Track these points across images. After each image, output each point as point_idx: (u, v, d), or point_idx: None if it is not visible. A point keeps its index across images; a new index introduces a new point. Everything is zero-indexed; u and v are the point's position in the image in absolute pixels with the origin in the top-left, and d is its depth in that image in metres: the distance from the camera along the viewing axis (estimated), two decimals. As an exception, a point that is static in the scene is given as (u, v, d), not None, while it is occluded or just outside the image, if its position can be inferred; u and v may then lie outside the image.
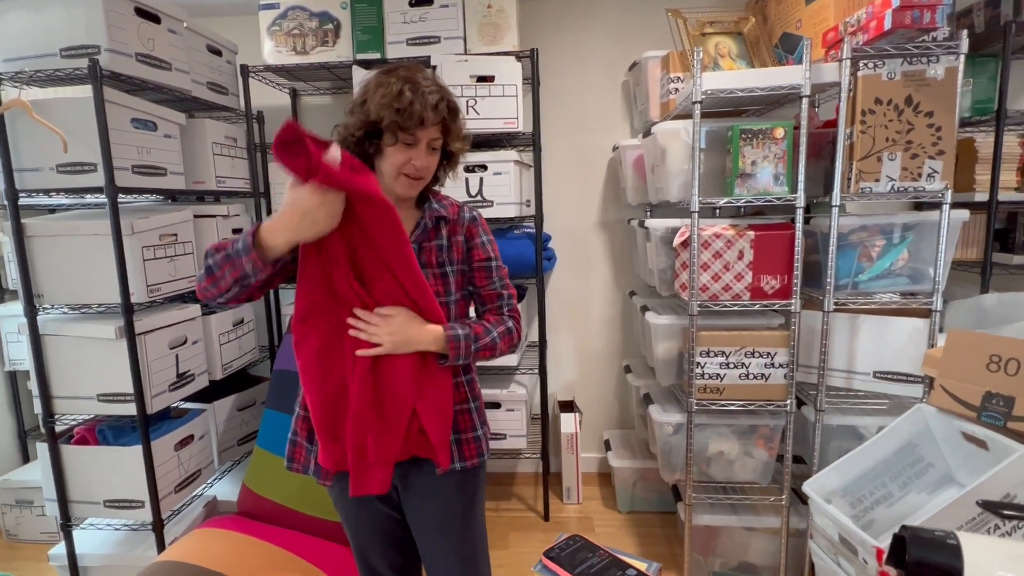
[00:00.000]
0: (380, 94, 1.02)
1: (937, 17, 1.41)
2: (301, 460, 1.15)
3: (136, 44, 1.68)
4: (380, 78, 1.05)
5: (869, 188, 1.61)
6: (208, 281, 1.01)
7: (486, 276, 1.18)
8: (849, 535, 1.44)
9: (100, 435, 1.83)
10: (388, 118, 1.00)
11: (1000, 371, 1.44)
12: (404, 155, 1.04)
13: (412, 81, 1.02)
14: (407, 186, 1.07)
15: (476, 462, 1.18)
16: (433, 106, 1.02)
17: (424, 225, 1.13)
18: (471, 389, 1.20)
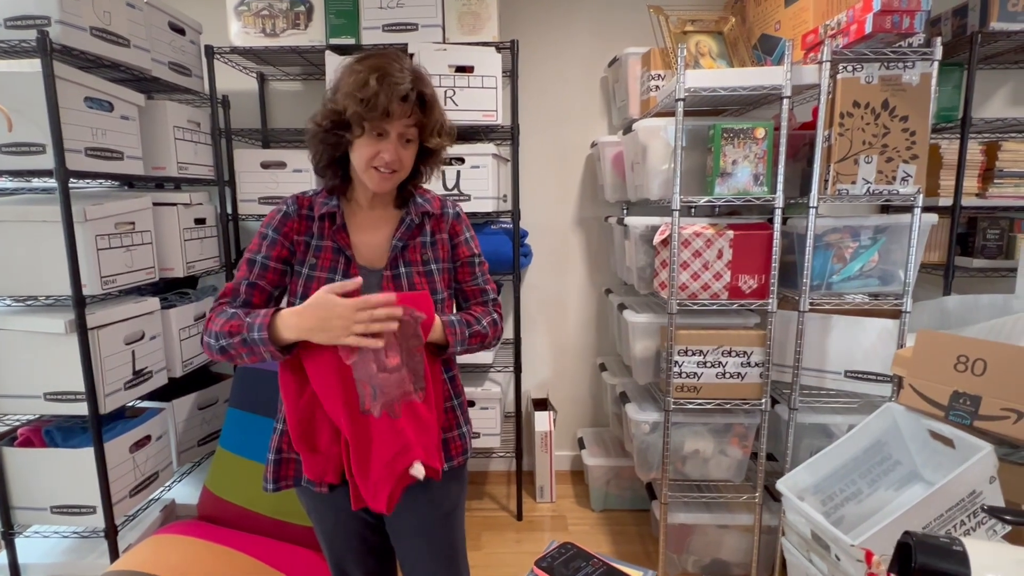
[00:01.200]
0: (347, 83, 0.98)
1: (916, 23, 1.43)
2: (291, 475, 1.09)
3: (91, 17, 1.57)
4: (352, 66, 1.00)
5: (846, 190, 1.63)
6: (223, 357, 0.99)
7: (470, 273, 1.16)
8: (822, 532, 1.46)
9: (47, 436, 1.71)
10: (352, 108, 0.96)
11: (967, 371, 1.48)
12: (373, 147, 1.00)
13: (381, 70, 0.96)
14: (378, 180, 1.02)
15: (461, 460, 1.14)
16: (401, 97, 0.96)
17: (409, 222, 1.09)
18: (454, 386, 1.16)
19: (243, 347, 0.95)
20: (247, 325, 0.95)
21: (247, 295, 1.04)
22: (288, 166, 2.14)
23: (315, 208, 1.07)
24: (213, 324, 1.00)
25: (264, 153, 2.15)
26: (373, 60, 0.98)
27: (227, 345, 0.96)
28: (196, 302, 2.06)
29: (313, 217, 1.07)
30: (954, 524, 1.38)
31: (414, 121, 1.01)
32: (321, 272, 1.05)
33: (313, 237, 1.07)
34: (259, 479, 1.77)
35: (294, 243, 1.06)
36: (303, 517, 1.73)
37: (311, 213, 1.08)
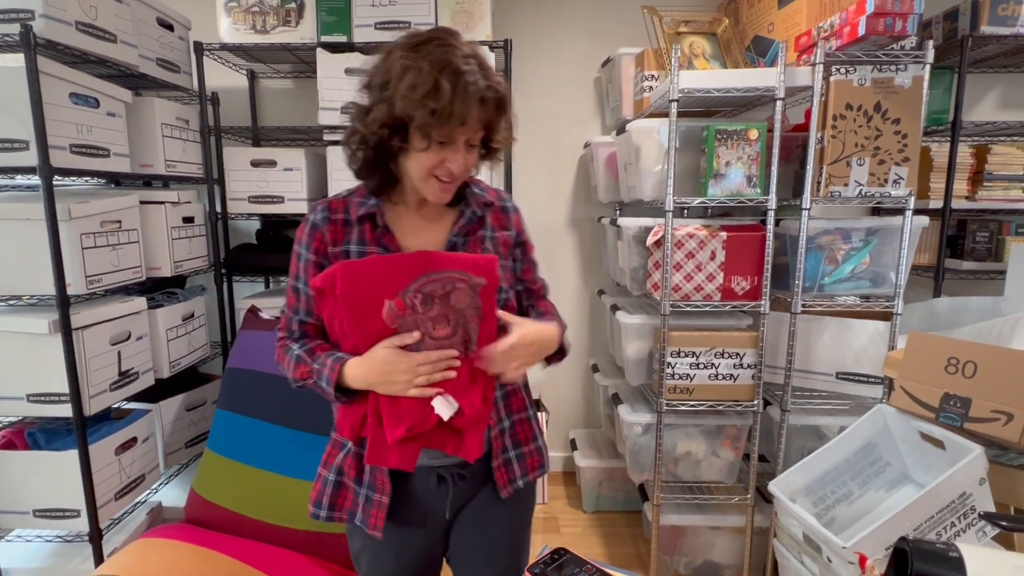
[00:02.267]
0: (408, 84, 0.80)
1: (908, 26, 1.44)
2: (347, 507, 0.99)
3: (76, 11, 1.54)
4: (406, 58, 0.82)
5: (838, 192, 1.64)
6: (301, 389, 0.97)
7: (533, 269, 1.08)
8: (814, 534, 1.46)
9: (30, 438, 1.68)
10: (421, 119, 0.81)
11: (958, 373, 1.48)
12: (436, 156, 0.86)
13: (451, 67, 0.80)
14: (439, 192, 0.90)
15: (538, 474, 1.06)
16: (479, 101, 0.82)
17: (470, 216, 0.98)
18: (527, 393, 1.07)
19: (318, 389, 0.93)
20: (316, 373, 0.92)
21: (301, 330, 0.98)
22: (279, 164, 2.12)
23: (351, 210, 0.95)
24: (284, 364, 0.96)
25: (254, 151, 2.13)
26: (435, 52, 0.81)
27: (303, 386, 0.95)
28: (184, 302, 2.03)
29: (351, 221, 0.95)
30: (944, 526, 1.38)
31: (484, 123, 0.87)
32: None
33: (353, 244, 0.94)
34: (249, 481, 1.75)
35: (329, 257, 0.94)
36: (293, 520, 1.71)
37: (348, 216, 0.95)
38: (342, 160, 2.13)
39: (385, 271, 0.85)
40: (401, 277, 0.85)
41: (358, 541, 1.01)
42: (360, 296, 0.85)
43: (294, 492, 1.73)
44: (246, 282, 2.46)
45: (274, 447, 1.77)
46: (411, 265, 0.85)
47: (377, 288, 0.85)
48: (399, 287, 0.85)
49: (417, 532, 1.00)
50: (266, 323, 1.96)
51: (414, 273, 0.85)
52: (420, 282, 0.85)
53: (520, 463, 1.02)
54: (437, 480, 0.97)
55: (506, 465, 1.01)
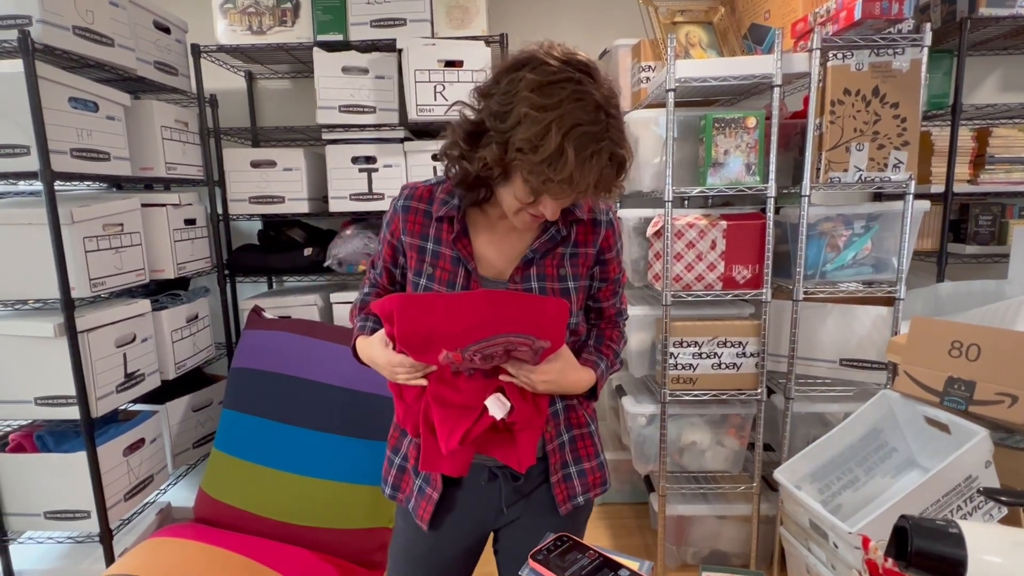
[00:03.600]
0: (528, 139, 0.74)
1: (905, 8, 1.43)
2: (408, 490, 1.01)
3: (73, 16, 1.54)
4: (532, 104, 0.74)
5: (838, 178, 1.63)
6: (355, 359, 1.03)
7: (612, 292, 1.01)
8: (820, 520, 1.46)
9: (39, 441, 1.69)
10: (533, 182, 0.76)
11: (962, 357, 1.48)
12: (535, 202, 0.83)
13: (578, 131, 0.73)
14: (528, 222, 0.87)
15: (599, 491, 1.02)
16: (597, 179, 0.76)
17: (554, 233, 0.92)
18: (590, 409, 1.04)
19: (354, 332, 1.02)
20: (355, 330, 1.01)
21: (367, 301, 1.04)
22: (279, 164, 2.12)
23: (435, 205, 0.92)
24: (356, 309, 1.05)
25: (254, 152, 2.13)
26: (565, 106, 0.73)
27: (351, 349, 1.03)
28: (188, 303, 2.04)
29: (431, 214, 0.93)
30: (951, 509, 1.38)
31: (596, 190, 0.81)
32: (439, 286, 0.91)
33: (430, 240, 0.92)
34: (256, 480, 1.76)
35: (403, 244, 0.95)
36: (301, 517, 1.72)
37: (429, 209, 0.93)
38: (341, 159, 2.14)
39: (445, 315, 0.80)
40: (462, 326, 0.79)
41: (402, 522, 1.04)
42: (416, 335, 0.83)
43: (302, 489, 1.74)
44: (249, 283, 2.47)
45: (281, 445, 1.78)
46: (474, 312, 0.79)
47: (435, 331, 0.81)
48: (458, 339, 0.80)
49: (467, 528, 1.00)
50: (270, 323, 1.97)
51: (476, 326, 0.79)
52: (481, 345, 0.80)
53: (581, 479, 0.99)
54: (489, 476, 0.97)
55: (566, 480, 0.98)
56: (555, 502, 0.97)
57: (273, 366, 1.85)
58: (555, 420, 0.97)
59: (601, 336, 1.03)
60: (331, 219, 2.42)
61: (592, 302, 1.01)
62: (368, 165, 2.08)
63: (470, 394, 0.87)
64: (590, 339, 1.03)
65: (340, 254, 2.09)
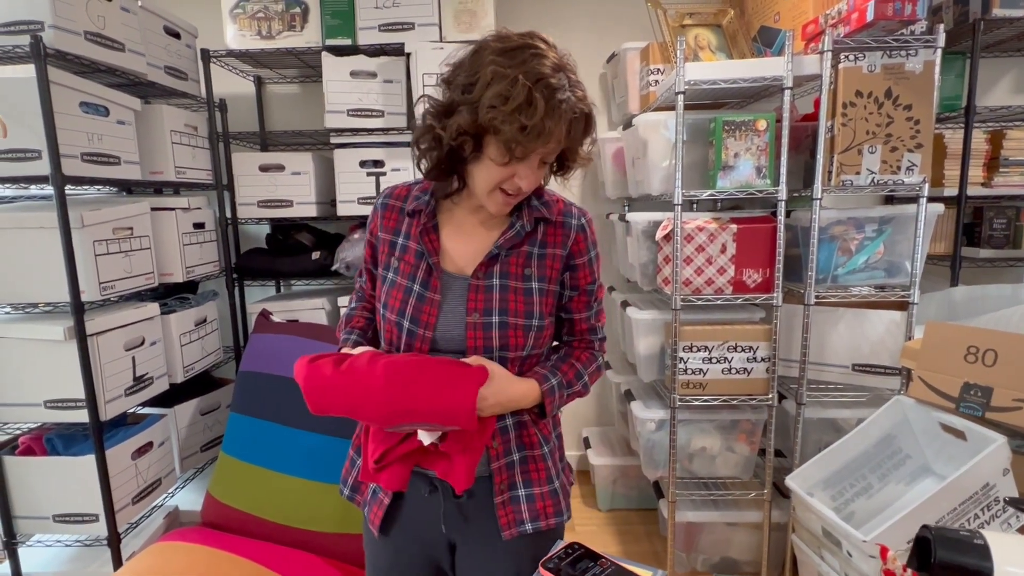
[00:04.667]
0: (498, 94, 0.76)
1: (918, 9, 1.41)
2: (366, 493, 1.00)
3: (85, 21, 1.56)
4: (498, 64, 0.77)
5: (850, 181, 1.61)
6: None
7: (585, 304, 0.96)
8: (833, 528, 1.43)
9: (48, 444, 1.70)
10: (508, 133, 0.77)
11: (978, 362, 1.45)
12: (509, 170, 0.82)
13: (545, 81, 0.76)
14: (502, 204, 0.87)
15: (553, 523, 0.93)
16: (569, 121, 0.79)
17: (519, 229, 0.90)
18: (550, 429, 0.98)
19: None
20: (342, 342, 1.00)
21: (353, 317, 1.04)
22: (287, 169, 2.13)
23: (409, 201, 0.94)
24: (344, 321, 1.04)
25: (262, 156, 2.14)
26: (529, 62, 0.77)
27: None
28: (196, 307, 2.05)
29: (403, 210, 0.94)
30: (968, 518, 1.36)
31: (564, 143, 0.83)
32: (401, 278, 0.91)
33: (400, 235, 0.94)
34: (263, 484, 1.76)
35: (379, 241, 0.95)
36: (310, 522, 1.71)
37: (405, 205, 0.94)
38: (349, 162, 2.14)
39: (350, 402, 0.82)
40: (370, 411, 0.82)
41: (366, 534, 1.02)
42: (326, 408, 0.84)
43: (309, 494, 1.73)
44: (257, 286, 2.47)
45: (288, 449, 1.78)
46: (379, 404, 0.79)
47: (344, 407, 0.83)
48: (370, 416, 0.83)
49: (414, 539, 0.96)
50: (277, 326, 1.97)
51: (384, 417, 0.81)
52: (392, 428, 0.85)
53: (529, 504, 0.90)
54: (430, 488, 0.93)
55: (513, 503, 0.90)
56: (498, 526, 0.90)
57: (281, 370, 1.84)
58: (504, 437, 0.90)
59: (567, 355, 0.96)
60: (339, 223, 2.42)
61: (563, 313, 0.96)
62: (376, 169, 2.08)
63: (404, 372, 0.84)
64: (554, 355, 0.97)
65: (348, 258, 2.09)
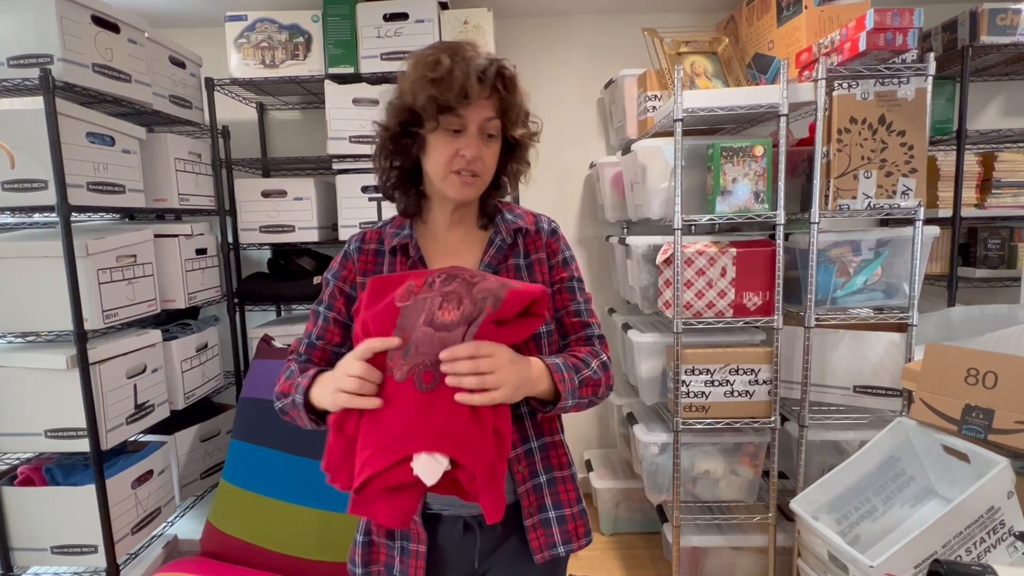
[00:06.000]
0: (411, 69, 0.84)
1: (909, 40, 1.45)
2: (383, 559, 0.93)
3: (93, 54, 1.58)
4: (416, 54, 0.86)
5: (847, 205, 1.64)
6: (285, 419, 0.92)
7: (570, 298, 0.95)
8: (839, 553, 1.43)
9: (47, 474, 1.68)
10: (423, 93, 0.81)
11: (979, 384, 1.46)
12: (451, 146, 0.84)
13: (451, 48, 0.83)
14: (459, 185, 0.87)
15: (583, 543, 0.93)
16: (479, 72, 0.81)
17: (500, 244, 0.93)
18: (567, 451, 0.97)
19: (293, 409, 0.87)
20: (296, 385, 0.86)
21: (307, 354, 0.93)
22: (289, 194, 2.15)
23: (385, 240, 0.93)
24: (278, 382, 0.91)
25: (265, 182, 2.16)
26: (440, 44, 0.86)
27: (283, 407, 0.89)
28: (198, 333, 2.05)
29: (383, 251, 0.93)
30: (974, 542, 1.35)
31: (495, 107, 0.85)
32: None
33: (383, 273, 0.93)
34: (265, 512, 1.74)
35: (357, 286, 0.93)
36: (310, 551, 1.70)
37: (380, 247, 0.94)
38: (351, 188, 2.16)
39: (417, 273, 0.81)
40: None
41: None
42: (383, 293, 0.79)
43: (311, 522, 1.71)
44: (259, 311, 2.47)
45: (290, 476, 1.76)
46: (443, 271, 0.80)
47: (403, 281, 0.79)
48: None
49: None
50: (279, 352, 1.97)
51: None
52: (449, 269, 0.80)
53: (561, 527, 0.89)
54: (464, 528, 0.90)
55: (544, 526, 0.89)
56: (530, 549, 0.88)
57: (283, 396, 1.84)
58: (530, 460, 0.90)
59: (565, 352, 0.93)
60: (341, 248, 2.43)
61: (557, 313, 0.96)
62: (378, 194, 2.10)
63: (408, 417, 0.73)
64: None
65: (349, 282, 2.10)
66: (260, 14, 2.05)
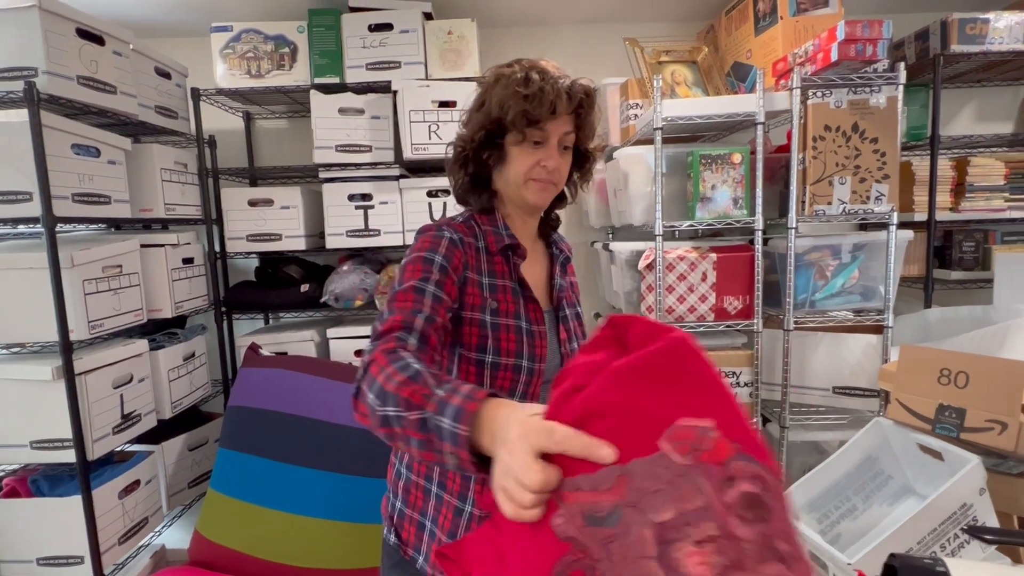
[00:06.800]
0: (501, 85, 0.89)
1: (879, 50, 1.50)
2: None
3: (77, 66, 1.59)
4: (498, 71, 0.92)
5: (823, 210, 1.68)
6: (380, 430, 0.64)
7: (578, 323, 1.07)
8: (819, 551, 1.46)
9: (33, 486, 1.68)
10: (515, 108, 0.86)
11: (951, 384, 1.50)
12: (533, 156, 0.90)
13: (538, 67, 0.90)
14: (538, 191, 0.92)
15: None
16: (567, 89, 0.88)
17: (563, 259, 1.04)
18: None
19: (418, 431, 0.60)
20: (437, 400, 0.59)
21: (423, 330, 0.76)
22: (276, 203, 2.16)
23: (488, 238, 0.94)
24: (380, 371, 0.66)
25: (252, 191, 2.17)
26: (523, 61, 0.92)
27: (394, 417, 0.62)
28: (185, 342, 2.05)
29: (480, 248, 0.93)
30: (947, 538, 1.39)
31: (573, 122, 0.92)
32: (508, 319, 0.90)
33: (486, 275, 0.92)
34: (253, 520, 1.75)
35: (467, 282, 0.89)
36: (299, 559, 1.70)
37: (479, 243, 0.93)
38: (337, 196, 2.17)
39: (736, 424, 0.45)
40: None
41: None
42: (647, 401, 0.47)
43: (300, 530, 1.72)
44: (246, 319, 2.48)
45: (278, 484, 1.77)
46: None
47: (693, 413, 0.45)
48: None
49: None
50: (266, 360, 1.97)
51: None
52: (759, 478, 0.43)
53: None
54: None
55: None
56: None
57: (269, 404, 1.85)
58: None
59: None
60: (328, 255, 2.45)
61: None
62: (364, 202, 2.12)
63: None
64: None
65: (337, 290, 2.11)
66: (246, 25, 2.07)
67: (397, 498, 0.96)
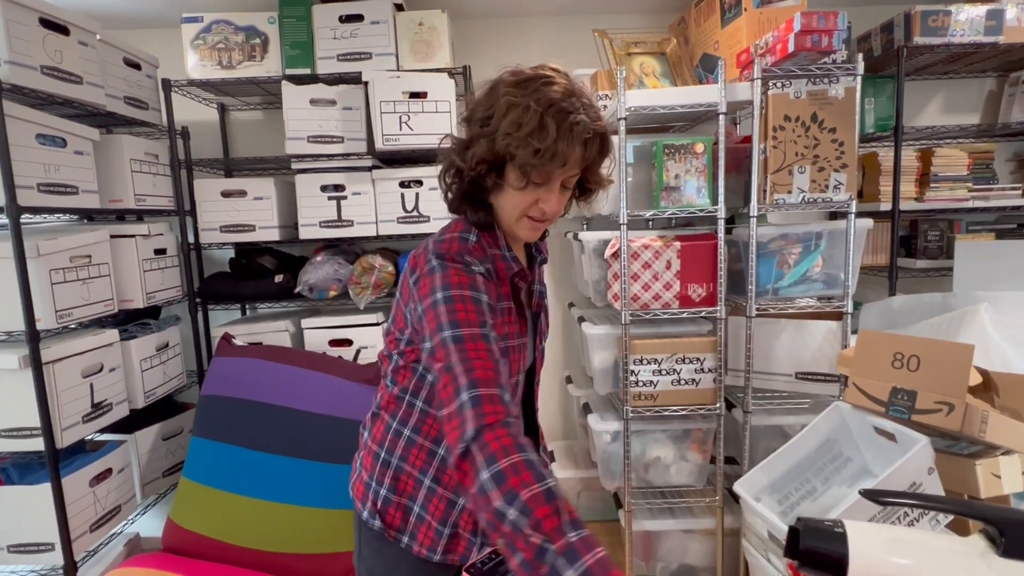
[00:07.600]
0: (512, 121, 0.80)
1: (834, 41, 1.52)
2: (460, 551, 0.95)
3: (41, 56, 1.59)
4: (512, 95, 0.81)
5: (783, 200, 1.71)
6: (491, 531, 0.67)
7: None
8: (777, 532, 1.50)
9: (3, 474, 1.69)
10: (523, 158, 0.80)
11: (903, 367, 1.54)
12: (531, 196, 0.85)
13: (557, 106, 0.79)
14: (529, 229, 0.90)
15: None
16: (583, 143, 0.81)
17: (540, 262, 1.06)
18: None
19: (533, 554, 0.63)
20: (567, 542, 0.63)
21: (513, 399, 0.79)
22: (249, 194, 2.17)
23: (496, 263, 0.91)
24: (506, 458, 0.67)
25: (225, 182, 2.18)
26: (541, 91, 0.80)
27: (513, 522, 0.64)
28: (158, 332, 2.06)
29: (491, 274, 0.90)
30: (898, 516, 1.43)
31: (582, 166, 0.86)
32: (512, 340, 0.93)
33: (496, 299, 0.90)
34: (225, 507, 1.77)
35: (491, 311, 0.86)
36: (271, 544, 1.73)
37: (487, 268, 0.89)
38: (310, 187, 2.18)
39: None
40: None
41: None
42: None
43: (271, 516, 1.75)
44: (222, 310, 2.49)
45: (250, 472, 1.79)
46: None
47: None
48: None
49: None
50: (240, 349, 1.99)
51: None
52: None
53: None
54: None
55: None
56: None
57: (242, 393, 1.87)
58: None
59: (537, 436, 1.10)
60: (302, 246, 2.46)
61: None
62: (337, 193, 2.13)
63: None
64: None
65: (311, 280, 2.13)
66: (216, 16, 2.07)
67: (383, 486, 0.96)
